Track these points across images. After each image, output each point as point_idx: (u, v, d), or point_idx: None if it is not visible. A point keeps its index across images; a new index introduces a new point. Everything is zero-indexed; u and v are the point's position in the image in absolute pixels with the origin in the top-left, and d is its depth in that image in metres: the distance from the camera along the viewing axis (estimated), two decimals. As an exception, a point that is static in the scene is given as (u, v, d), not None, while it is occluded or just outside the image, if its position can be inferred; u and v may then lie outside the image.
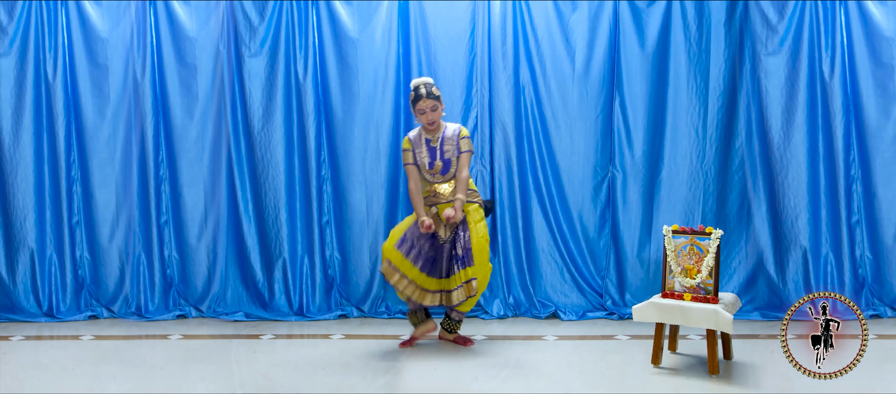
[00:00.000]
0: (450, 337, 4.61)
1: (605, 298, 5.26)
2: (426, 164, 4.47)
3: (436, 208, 4.48)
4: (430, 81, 4.46)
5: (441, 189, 4.47)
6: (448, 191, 4.46)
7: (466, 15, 5.28)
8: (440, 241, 4.42)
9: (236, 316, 5.30)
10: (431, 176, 4.48)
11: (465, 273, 4.32)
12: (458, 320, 4.57)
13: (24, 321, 5.32)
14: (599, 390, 3.78)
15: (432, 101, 4.40)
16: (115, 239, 5.45)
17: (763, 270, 5.14)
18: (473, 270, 4.33)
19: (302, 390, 3.83)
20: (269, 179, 5.32)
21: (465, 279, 4.31)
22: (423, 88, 4.40)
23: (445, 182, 4.47)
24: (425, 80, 4.47)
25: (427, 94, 4.39)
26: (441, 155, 4.46)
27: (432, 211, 4.48)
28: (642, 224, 5.26)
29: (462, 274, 4.32)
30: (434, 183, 4.49)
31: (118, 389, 3.95)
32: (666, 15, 5.17)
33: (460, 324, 4.60)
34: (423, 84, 4.43)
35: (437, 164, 4.45)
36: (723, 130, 5.18)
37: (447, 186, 4.47)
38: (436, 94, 4.42)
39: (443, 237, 4.41)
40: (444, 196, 4.46)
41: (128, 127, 5.39)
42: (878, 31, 5.00)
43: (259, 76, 5.30)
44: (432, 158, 4.46)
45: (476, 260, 4.35)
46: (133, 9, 5.33)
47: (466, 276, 4.31)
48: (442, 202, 4.46)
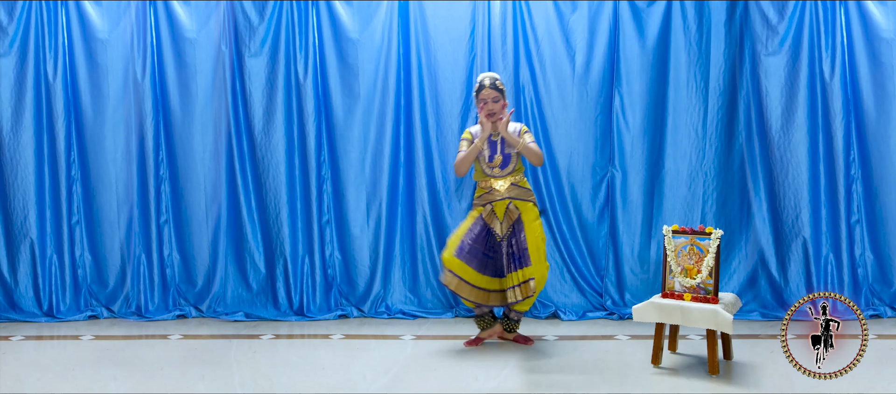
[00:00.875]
0: (509, 337, 4.62)
1: (605, 298, 5.26)
2: (486, 156, 4.50)
3: (490, 206, 4.48)
4: (495, 76, 4.51)
5: (497, 185, 4.49)
6: (504, 188, 4.48)
7: (466, 15, 5.28)
8: (497, 238, 4.46)
9: (236, 316, 5.30)
10: (490, 169, 4.51)
11: (523, 273, 4.35)
12: (517, 320, 4.58)
13: (24, 321, 5.33)
14: (599, 390, 3.78)
15: (494, 92, 4.44)
16: (116, 239, 5.45)
17: (763, 270, 5.14)
18: (530, 270, 4.36)
19: (302, 390, 3.83)
20: (269, 178, 5.33)
21: (523, 279, 4.35)
22: (487, 80, 4.46)
23: (502, 178, 4.50)
24: (491, 73, 4.54)
25: (490, 86, 4.44)
26: (502, 149, 4.49)
27: (487, 209, 4.49)
28: (642, 224, 5.26)
29: (519, 274, 4.36)
30: (491, 177, 4.51)
31: (118, 389, 3.95)
32: (666, 15, 5.18)
33: (519, 323, 4.61)
34: (487, 77, 4.49)
35: (497, 157, 4.49)
36: (723, 130, 5.18)
37: (503, 183, 4.49)
38: (499, 87, 4.46)
39: (499, 234, 4.44)
40: (500, 193, 4.48)
41: (128, 127, 5.39)
42: (878, 31, 5.00)
43: (259, 76, 5.30)
44: (492, 152, 4.50)
45: (532, 259, 4.37)
46: (133, 9, 5.33)
47: (524, 276, 4.35)
48: (497, 200, 4.47)
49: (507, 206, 4.44)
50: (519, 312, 4.55)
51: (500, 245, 4.44)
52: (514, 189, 4.47)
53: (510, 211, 4.43)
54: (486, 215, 4.47)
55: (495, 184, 4.49)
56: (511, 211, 4.43)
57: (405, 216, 5.35)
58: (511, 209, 4.43)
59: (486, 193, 4.52)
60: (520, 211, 4.44)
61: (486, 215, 4.47)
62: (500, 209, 4.45)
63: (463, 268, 4.39)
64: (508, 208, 4.44)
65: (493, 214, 4.47)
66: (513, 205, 4.44)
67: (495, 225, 4.45)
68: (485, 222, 4.48)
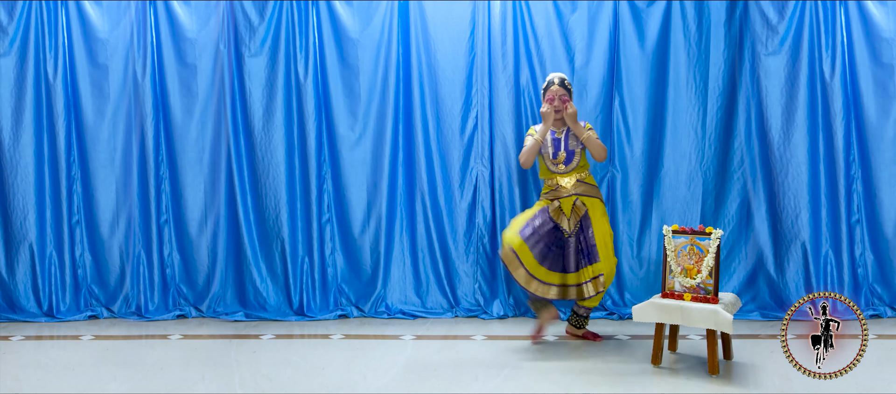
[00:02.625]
0: (578, 333, 4.67)
1: (605, 297, 5.26)
2: (550, 154, 4.59)
3: (558, 203, 4.55)
4: (564, 76, 4.65)
5: (563, 182, 4.58)
6: (570, 184, 4.56)
7: (466, 15, 5.28)
8: (564, 234, 4.51)
9: (236, 316, 5.30)
10: (555, 166, 4.60)
11: (593, 269, 4.44)
12: (585, 316, 4.64)
13: (24, 321, 5.32)
14: (599, 390, 3.78)
15: (562, 89, 4.57)
16: (115, 239, 5.45)
17: (763, 270, 5.14)
18: (600, 265, 4.44)
19: (302, 390, 3.83)
20: (269, 178, 5.32)
21: (593, 275, 4.43)
22: (556, 79, 4.61)
23: (568, 175, 4.58)
24: (560, 74, 4.68)
25: (559, 84, 4.58)
26: (565, 146, 4.57)
27: (555, 204, 4.55)
28: (642, 224, 5.26)
29: (589, 270, 4.44)
30: (557, 174, 4.60)
31: (118, 389, 3.95)
32: (666, 15, 5.17)
33: (587, 319, 4.67)
34: (556, 76, 4.64)
35: (560, 154, 4.57)
36: (722, 130, 5.18)
37: (569, 179, 4.57)
38: (567, 87, 4.60)
39: (567, 231, 4.50)
40: (567, 189, 4.56)
41: (128, 127, 5.39)
42: (878, 31, 5.00)
43: (259, 76, 5.30)
44: (556, 149, 4.58)
45: (601, 255, 4.45)
46: (133, 9, 5.33)
47: (594, 272, 4.43)
48: (564, 196, 4.55)
49: (574, 202, 4.53)
50: (588, 308, 4.60)
51: (568, 241, 4.50)
52: (580, 185, 4.57)
53: (577, 207, 4.52)
54: (553, 211, 4.54)
55: (562, 181, 4.59)
56: (578, 207, 4.52)
57: (405, 216, 5.35)
58: (578, 205, 4.52)
59: (552, 189, 4.61)
60: (587, 207, 4.52)
61: (552, 211, 4.54)
62: (567, 206, 4.53)
63: (524, 250, 4.42)
64: (575, 204, 4.52)
65: (560, 211, 4.54)
66: (580, 201, 4.53)
67: (563, 221, 4.52)
68: (551, 217, 4.53)
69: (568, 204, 4.53)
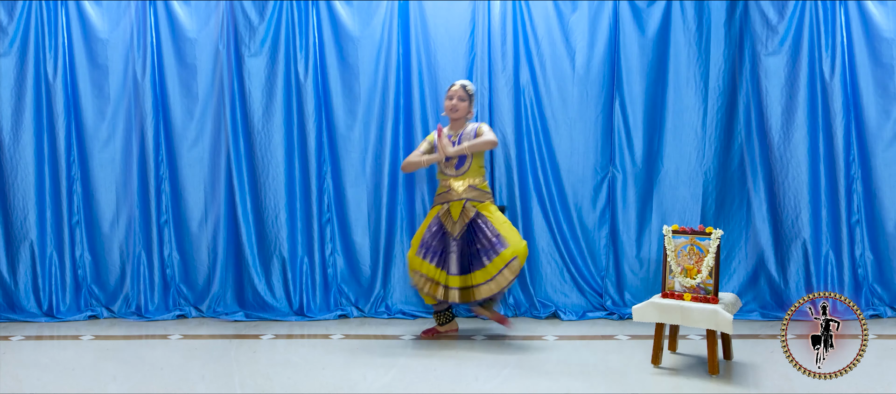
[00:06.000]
0: (486, 312, 4.71)
1: (605, 298, 5.26)
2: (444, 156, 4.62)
3: (447, 206, 4.61)
4: (467, 82, 4.74)
5: (455, 185, 4.61)
6: (462, 188, 4.59)
7: (466, 15, 5.28)
8: (450, 237, 4.54)
9: (236, 316, 5.30)
10: (447, 168, 4.63)
11: (502, 258, 4.42)
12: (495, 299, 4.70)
13: (24, 321, 5.32)
14: (599, 390, 3.78)
15: (461, 91, 4.66)
16: (115, 239, 5.45)
17: (763, 270, 5.14)
18: (510, 250, 4.43)
19: (302, 390, 3.83)
20: (269, 178, 5.32)
21: (504, 263, 4.42)
22: (458, 83, 4.72)
23: (460, 179, 4.60)
24: (465, 81, 4.78)
25: (461, 84, 4.70)
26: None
27: (444, 208, 4.61)
28: (642, 224, 5.26)
29: (498, 261, 4.43)
30: (449, 177, 4.63)
31: (118, 389, 3.94)
32: (666, 15, 5.18)
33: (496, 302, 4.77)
34: (460, 81, 4.76)
35: (451, 159, 4.61)
36: (723, 130, 5.18)
37: (461, 183, 4.60)
38: (469, 92, 4.69)
39: (453, 234, 4.54)
40: (457, 193, 4.59)
41: (128, 127, 5.39)
42: (878, 31, 5.00)
43: (259, 76, 5.30)
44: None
45: (508, 240, 4.46)
46: (133, 9, 5.33)
47: (504, 260, 4.42)
48: (454, 200, 4.59)
49: (463, 205, 4.57)
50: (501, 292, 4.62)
51: (452, 243, 4.53)
52: (471, 191, 4.60)
53: (466, 210, 4.56)
54: (442, 215, 4.61)
55: (454, 184, 4.62)
56: (467, 210, 4.56)
57: (405, 216, 5.35)
58: (467, 208, 4.56)
59: (444, 192, 4.67)
60: (477, 208, 4.56)
61: (441, 215, 4.62)
62: (456, 209, 4.58)
63: (424, 265, 4.56)
64: (464, 207, 4.57)
65: (448, 214, 4.60)
66: (469, 204, 4.57)
67: (449, 224, 4.57)
68: (440, 221, 4.62)
69: (457, 208, 4.58)
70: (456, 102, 4.65)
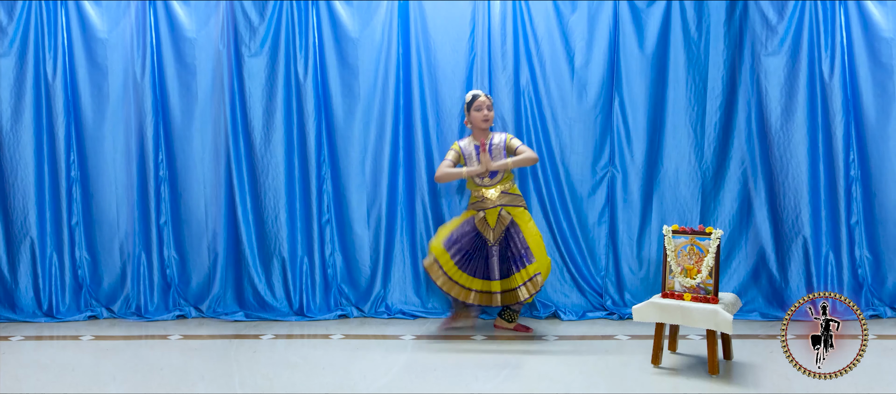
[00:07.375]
0: (509, 326, 4.85)
1: (605, 298, 5.27)
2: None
3: (483, 213, 4.72)
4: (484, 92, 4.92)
5: (489, 194, 4.73)
6: (495, 196, 4.71)
7: (466, 15, 5.28)
8: (488, 243, 4.69)
9: (236, 316, 5.30)
10: (480, 179, 4.74)
11: (527, 271, 4.59)
12: (517, 311, 4.85)
13: (23, 321, 5.32)
14: (599, 390, 3.78)
15: (489, 102, 4.76)
16: (115, 239, 5.44)
17: (763, 271, 5.14)
18: (535, 266, 4.60)
19: (302, 390, 3.83)
20: (268, 178, 5.32)
21: (528, 277, 4.59)
22: (483, 94, 4.79)
23: (493, 187, 4.73)
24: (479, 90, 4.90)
25: (486, 95, 4.79)
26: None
27: (480, 215, 4.72)
28: (642, 224, 5.26)
29: (524, 273, 4.60)
30: (482, 187, 4.74)
31: (118, 389, 3.94)
32: (665, 15, 5.18)
33: (518, 314, 4.87)
34: (483, 92, 4.87)
35: None
36: (722, 130, 5.19)
37: (494, 191, 4.73)
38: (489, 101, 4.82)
39: (491, 240, 4.69)
40: (492, 201, 4.72)
41: (128, 127, 5.39)
42: (878, 31, 5.00)
43: (259, 76, 5.30)
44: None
45: (535, 255, 4.61)
46: (133, 9, 5.32)
47: (529, 273, 4.59)
48: (489, 207, 4.72)
49: (499, 212, 4.68)
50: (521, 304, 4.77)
51: (491, 250, 4.68)
52: (505, 197, 4.72)
53: (502, 217, 4.68)
54: (478, 222, 4.72)
55: (487, 192, 4.73)
56: (503, 217, 4.68)
57: (405, 216, 5.35)
58: (503, 215, 4.68)
59: (478, 200, 4.76)
60: (512, 216, 4.69)
61: (477, 222, 4.72)
62: (492, 217, 4.69)
63: (445, 257, 4.66)
64: (500, 215, 4.69)
65: (485, 222, 4.71)
66: (505, 211, 4.68)
67: (487, 232, 4.70)
68: (476, 227, 4.72)
69: (493, 215, 4.69)
70: (486, 112, 4.73)
